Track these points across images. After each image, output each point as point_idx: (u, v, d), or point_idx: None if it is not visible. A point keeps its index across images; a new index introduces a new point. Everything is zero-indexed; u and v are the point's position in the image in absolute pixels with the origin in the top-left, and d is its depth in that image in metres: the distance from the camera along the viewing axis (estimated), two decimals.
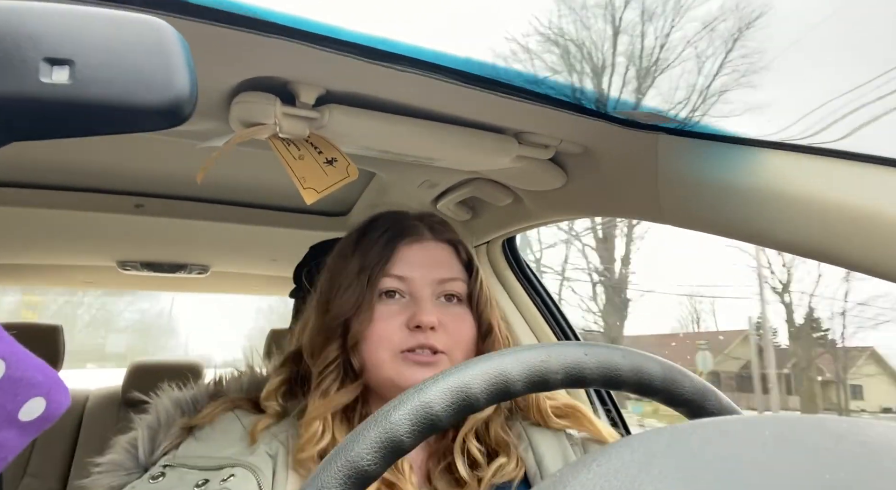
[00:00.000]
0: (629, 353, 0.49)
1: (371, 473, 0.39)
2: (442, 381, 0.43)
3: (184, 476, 0.69)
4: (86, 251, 1.98)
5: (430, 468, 0.80)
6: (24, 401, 0.31)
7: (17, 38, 0.29)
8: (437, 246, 0.87)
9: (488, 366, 0.44)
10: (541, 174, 1.08)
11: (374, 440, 0.40)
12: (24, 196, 1.46)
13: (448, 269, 0.85)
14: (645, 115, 0.88)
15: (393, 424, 0.41)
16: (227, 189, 1.59)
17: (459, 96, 0.82)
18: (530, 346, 0.48)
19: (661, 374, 0.49)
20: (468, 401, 0.43)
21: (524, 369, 0.45)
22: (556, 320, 1.58)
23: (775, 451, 0.29)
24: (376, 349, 0.78)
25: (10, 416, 0.31)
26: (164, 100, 0.31)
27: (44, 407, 0.32)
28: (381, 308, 0.80)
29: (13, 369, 0.30)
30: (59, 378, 0.32)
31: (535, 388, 0.46)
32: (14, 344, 0.30)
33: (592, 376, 0.47)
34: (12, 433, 0.31)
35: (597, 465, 0.30)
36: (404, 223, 0.87)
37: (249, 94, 0.81)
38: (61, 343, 2.23)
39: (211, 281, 2.39)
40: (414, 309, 0.79)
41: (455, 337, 0.80)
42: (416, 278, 0.82)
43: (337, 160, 0.91)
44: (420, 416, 0.41)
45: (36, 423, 0.32)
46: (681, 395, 0.50)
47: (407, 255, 0.83)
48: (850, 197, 0.68)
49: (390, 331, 0.78)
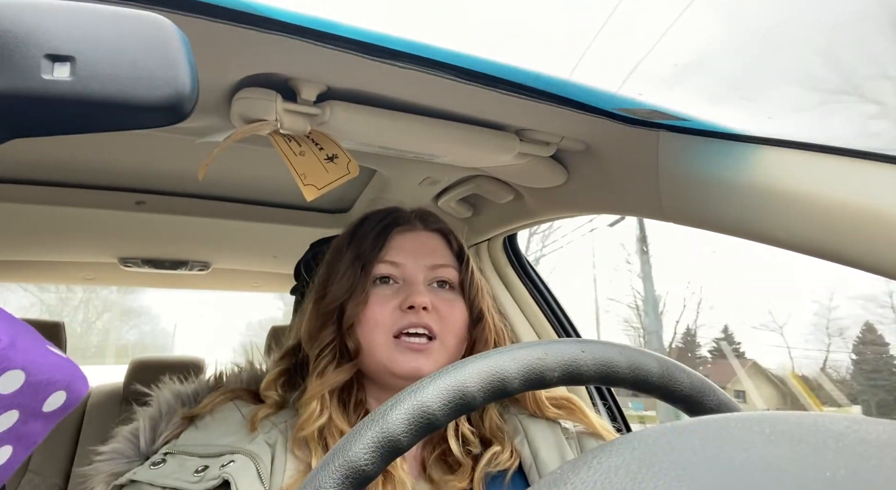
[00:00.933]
0: (626, 349, 0.49)
1: (369, 473, 0.39)
2: (439, 380, 0.43)
3: (184, 462, 0.71)
4: (87, 248, 1.98)
5: (425, 457, 0.81)
6: (46, 397, 0.33)
7: (18, 34, 0.29)
8: (428, 235, 0.90)
9: (485, 364, 0.45)
10: (542, 171, 1.08)
11: (372, 440, 0.40)
12: (25, 192, 1.46)
13: (440, 256, 0.88)
14: (646, 113, 0.88)
15: (390, 424, 0.41)
16: (228, 186, 1.59)
17: (461, 93, 0.82)
18: (527, 343, 0.48)
19: (658, 371, 0.49)
20: (465, 400, 0.43)
21: (521, 367, 0.45)
22: (556, 317, 1.58)
23: (776, 449, 0.29)
24: (371, 331, 0.80)
25: (35, 410, 0.32)
26: (166, 96, 0.31)
27: (65, 398, 0.33)
28: (375, 292, 0.83)
29: (33, 375, 0.31)
30: (78, 370, 0.34)
31: (533, 385, 0.46)
32: (30, 350, 0.31)
33: (589, 373, 0.47)
34: (38, 424, 0.33)
35: (598, 462, 0.30)
36: (397, 214, 0.91)
37: (250, 90, 0.81)
38: (63, 340, 2.23)
39: (212, 278, 2.39)
40: (407, 292, 0.82)
41: (447, 320, 0.83)
42: (409, 264, 0.85)
43: (338, 157, 0.91)
44: (417, 415, 0.41)
45: (58, 411, 0.34)
46: (679, 392, 0.50)
47: (400, 243, 0.86)
48: (851, 194, 0.68)
49: (384, 314, 0.81)
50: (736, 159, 0.80)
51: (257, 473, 0.69)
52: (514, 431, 0.83)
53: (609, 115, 0.88)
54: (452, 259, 0.89)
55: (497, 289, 1.59)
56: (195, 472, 0.69)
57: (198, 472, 0.69)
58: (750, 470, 0.28)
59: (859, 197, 0.67)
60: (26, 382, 0.31)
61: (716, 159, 0.82)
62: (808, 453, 0.28)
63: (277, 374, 0.84)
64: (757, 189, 0.77)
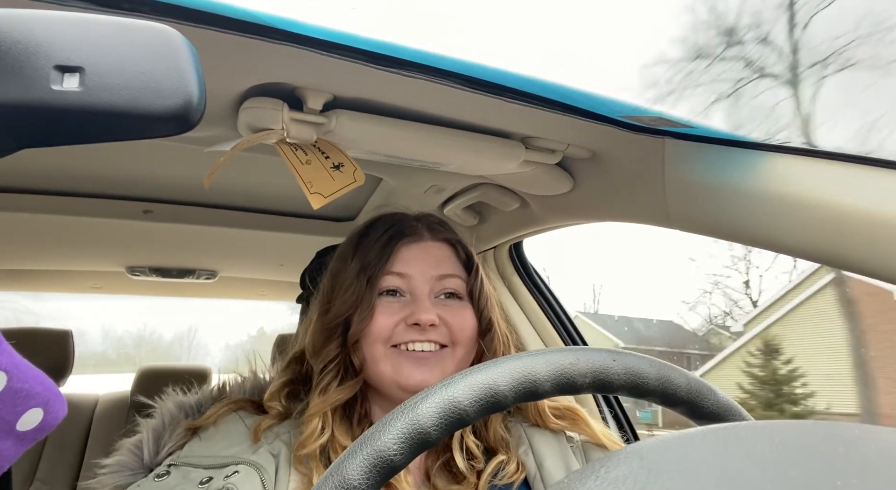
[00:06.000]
0: (655, 362, 0.49)
1: (396, 464, 0.40)
2: (470, 376, 0.44)
3: (188, 474, 0.70)
4: (95, 257, 1.99)
5: (429, 466, 0.81)
6: (23, 411, 0.31)
7: (28, 45, 0.29)
8: (435, 245, 0.88)
9: (518, 364, 0.45)
10: (548, 179, 1.08)
11: (401, 431, 0.40)
12: (33, 202, 1.47)
13: (447, 267, 0.86)
14: (652, 120, 0.87)
15: (420, 415, 0.41)
16: (235, 194, 1.59)
17: (466, 101, 0.82)
18: (559, 348, 0.49)
19: (685, 386, 0.49)
20: (496, 398, 0.43)
21: (553, 371, 0.45)
22: (563, 326, 1.57)
23: (785, 459, 0.28)
24: (373, 344, 0.80)
25: (9, 426, 0.31)
26: (173, 106, 0.31)
27: (41, 417, 0.32)
28: (381, 305, 0.82)
29: (14, 381, 0.30)
30: (57, 390, 0.32)
31: (562, 390, 0.46)
32: (15, 355, 0.30)
33: (619, 382, 0.47)
34: (9, 443, 0.31)
35: (605, 472, 0.30)
36: (403, 223, 0.89)
37: (257, 99, 0.82)
38: (71, 348, 2.23)
39: (219, 286, 2.39)
40: (413, 307, 0.81)
41: (455, 331, 0.82)
42: (416, 275, 0.83)
43: (344, 165, 0.91)
44: (448, 409, 0.42)
45: (32, 432, 0.32)
46: (705, 409, 0.50)
47: (406, 254, 0.85)
48: (858, 201, 0.68)
49: (389, 327, 0.80)
50: (743, 166, 0.79)
51: (262, 484, 0.69)
52: (519, 441, 0.83)
53: (615, 123, 0.88)
54: (460, 268, 0.88)
55: (503, 296, 1.58)
56: (200, 484, 0.68)
57: (202, 484, 0.68)
58: (758, 480, 0.27)
59: (867, 203, 0.67)
60: (7, 388, 0.30)
61: (722, 166, 0.82)
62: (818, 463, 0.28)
63: (281, 385, 0.84)
64: (764, 196, 0.76)
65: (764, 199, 0.76)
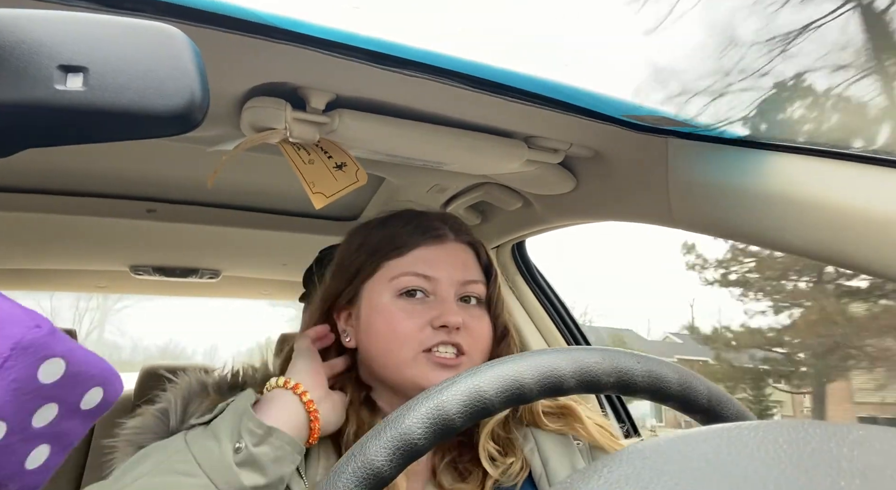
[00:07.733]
0: (678, 368, 0.49)
1: (419, 448, 0.40)
2: (497, 367, 0.44)
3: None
4: (99, 256, 2.00)
5: (435, 464, 0.80)
6: (84, 392, 0.33)
7: (31, 45, 0.29)
8: (459, 247, 0.86)
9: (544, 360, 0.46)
10: (551, 178, 1.08)
11: (425, 415, 0.41)
12: (37, 202, 1.48)
13: (471, 272, 0.84)
14: (655, 119, 0.87)
15: (445, 402, 0.42)
16: (238, 194, 1.60)
17: (469, 101, 0.82)
18: (584, 347, 0.49)
19: (706, 394, 0.49)
20: (521, 391, 0.44)
21: (578, 368, 0.46)
22: (567, 326, 1.57)
23: (789, 459, 0.28)
24: (399, 348, 0.77)
25: (75, 406, 0.33)
26: (177, 106, 0.31)
27: (101, 395, 0.34)
28: (402, 305, 0.79)
29: (73, 365, 0.31)
30: (112, 369, 0.34)
31: (586, 388, 0.47)
32: (70, 341, 0.31)
33: (642, 385, 0.48)
34: (77, 421, 0.33)
35: (608, 472, 0.29)
36: (428, 222, 0.86)
37: (260, 99, 0.82)
38: None
39: (222, 285, 2.40)
40: (439, 308, 0.79)
41: (475, 338, 0.80)
42: (443, 278, 0.81)
43: (347, 165, 0.91)
44: (473, 398, 0.42)
45: (95, 409, 0.34)
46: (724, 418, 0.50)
47: (430, 255, 0.82)
48: (863, 200, 0.67)
49: (414, 329, 0.77)
50: (746, 165, 0.79)
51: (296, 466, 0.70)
52: (525, 440, 0.82)
53: (618, 122, 0.88)
54: (481, 274, 0.86)
55: (506, 297, 1.58)
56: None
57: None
58: (762, 480, 0.27)
59: (871, 202, 0.67)
60: (67, 373, 0.31)
61: (725, 165, 0.82)
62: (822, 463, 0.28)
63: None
64: (767, 195, 0.76)
65: (768, 199, 0.76)
